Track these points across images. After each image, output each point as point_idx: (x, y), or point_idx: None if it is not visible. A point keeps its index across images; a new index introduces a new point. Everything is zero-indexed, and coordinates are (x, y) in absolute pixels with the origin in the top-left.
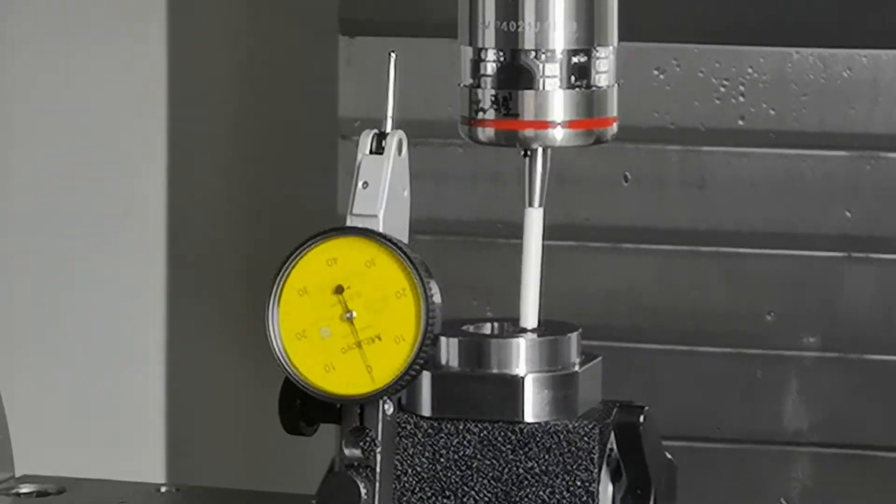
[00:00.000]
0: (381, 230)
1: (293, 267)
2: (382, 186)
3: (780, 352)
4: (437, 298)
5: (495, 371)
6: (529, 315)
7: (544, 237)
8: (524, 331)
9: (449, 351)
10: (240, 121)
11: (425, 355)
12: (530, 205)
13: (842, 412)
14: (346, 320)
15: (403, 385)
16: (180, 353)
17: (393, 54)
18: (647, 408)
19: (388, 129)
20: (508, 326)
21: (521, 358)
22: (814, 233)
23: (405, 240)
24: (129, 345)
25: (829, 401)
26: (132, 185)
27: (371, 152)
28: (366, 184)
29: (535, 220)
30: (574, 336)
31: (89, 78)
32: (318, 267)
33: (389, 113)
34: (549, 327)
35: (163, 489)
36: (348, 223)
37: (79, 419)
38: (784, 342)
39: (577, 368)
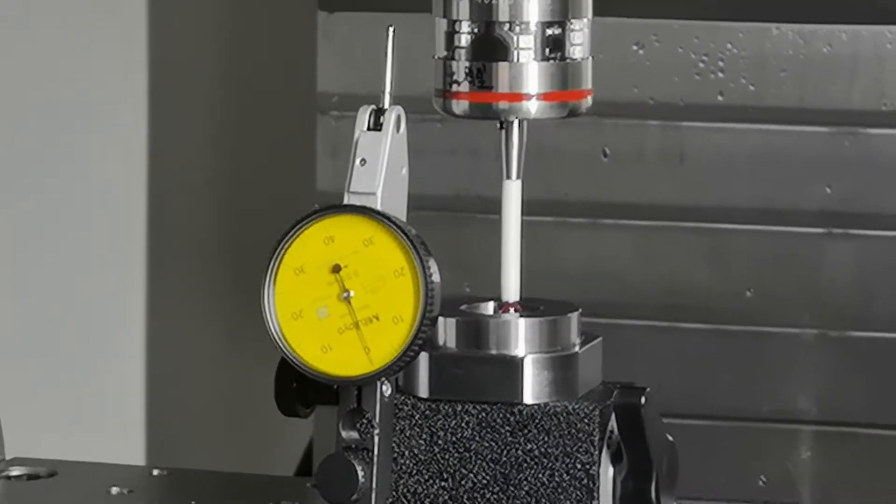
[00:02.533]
0: (379, 208)
1: (289, 246)
2: (381, 164)
3: (760, 328)
4: (436, 278)
5: (494, 352)
6: (511, 288)
7: (523, 212)
8: (523, 311)
9: (447, 331)
10: (218, 96)
11: (424, 336)
12: (508, 177)
13: (823, 389)
14: (344, 300)
15: (402, 366)
16: (160, 332)
17: (391, 28)
18: (648, 389)
19: (387, 104)
20: (507, 307)
21: (521, 338)
22: (794, 209)
23: (403, 218)
24: (109, 325)
25: (809, 378)
26: (112, 160)
27: (369, 128)
28: (363, 161)
29: (513, 193)
30: (574, 316)
31: (69, 49)
32: (314, 246)
33: (387, 89)
34: (549, 307)
35: (155, 472)
36: (346, 201)
37: (57, 401)
38: (764, 318)
39: (577, 349)
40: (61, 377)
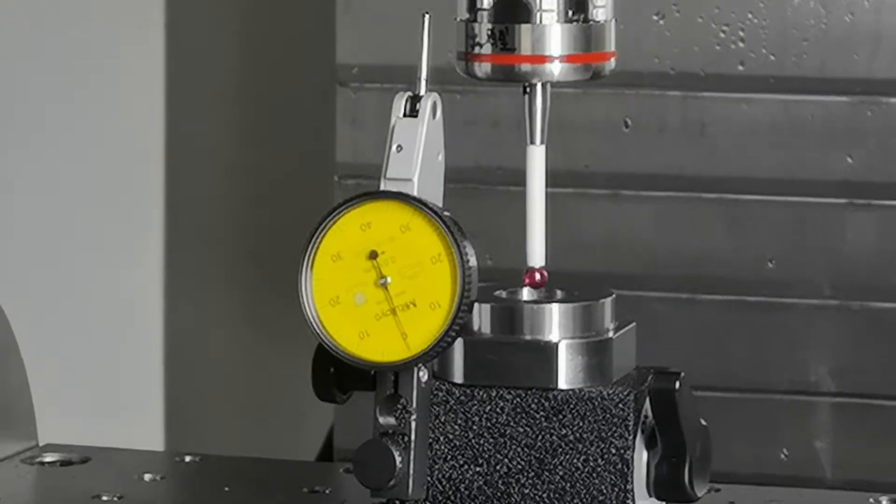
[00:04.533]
0: (415, 194)
1: (326, 232)
2: (417, 150)
3: (781, 299)
4: (473, 263)
5: (528, 337)
6: (536, 254)
7: (546, 181)
8: (557, 297)
9: (482, 317)
10: (237, 69)
11: (461, 321)
12: (531, 142)
13: (844, 361)
14: (381, 286)
15: (439, 352)
16: (179, 317)
17: (426, 15)
18: (682, 374)
19: (422, 91)
20: (542, 292)
21: (555, 324)
22: (815, 179)
23: (440, 204)
24: (127, 311)
25: (831, 349)
26: (129, 140)
27: (405, 115)
28: (399, 147)
29: (537, 158)
30: (608, 301)
31: (86, 26)
32: (351, 232)
33: (423, 75)
34: (583, 292)
35: (187, 458)
36: (382, 187)
37: (76, 387)
38: (785, 290)
39: (611, 334)
40: (78, 364)
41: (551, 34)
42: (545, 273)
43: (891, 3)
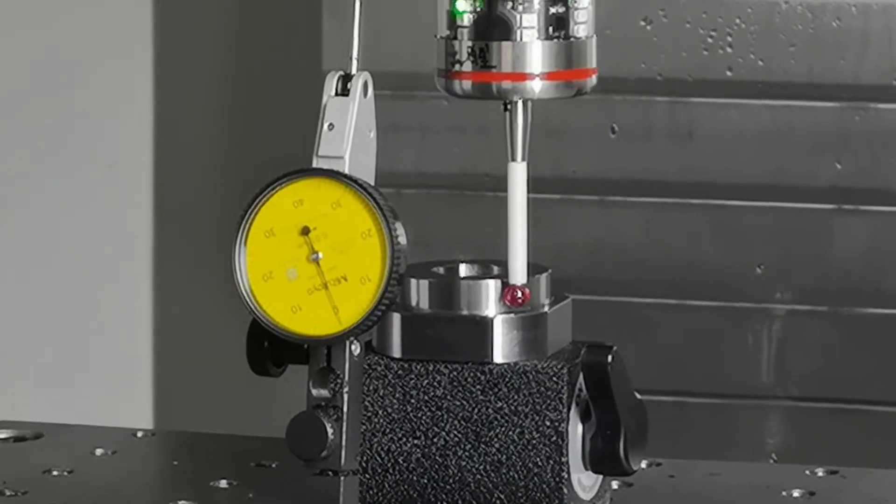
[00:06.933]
0: (346, 172)
1: (259, 209)
2: (348, 128)
3: (769, 305)
4: (402, 239)
5: (465, 312)
6: (518, 271)
7: (530, 190)
8: (494, 272)
9: (419, 292)
10: (226, 69)
11: (391, 296)
12: (513, 159)
13: (834, 366)
14: (313, 261)
15: (369, 325)
16: (168, 297)
17: None
18: (615, 348)
19: (354, 70)
20: (479, 268)
21: (491, 299)
22: (803, 185)
23: (371, 182)
24: (117, 290)
25: (820, 355)
26: (118, 130)
27: (336, 94)
28: (331, 125)
29: (518, 176)
30: (543, 277)
31: (75, 10)
32: (284, 208)
33: (355, 54)
34: None
35: (139, 434)
36: (314, 165)
37: (67, 366)
38: (774, 295)
39: (546, 309)
40: (70, 342)
41: (531, 51)
42: (527, 291)
43: (878, 8)
